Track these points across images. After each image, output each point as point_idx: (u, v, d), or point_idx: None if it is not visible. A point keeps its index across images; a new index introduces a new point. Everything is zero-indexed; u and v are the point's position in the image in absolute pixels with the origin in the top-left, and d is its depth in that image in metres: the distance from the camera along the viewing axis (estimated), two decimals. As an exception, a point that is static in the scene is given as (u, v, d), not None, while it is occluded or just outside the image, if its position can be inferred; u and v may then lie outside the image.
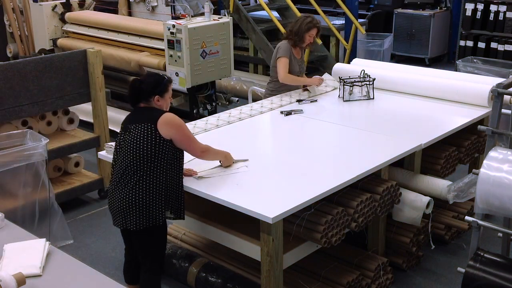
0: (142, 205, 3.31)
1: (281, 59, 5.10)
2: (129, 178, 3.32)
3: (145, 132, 3.30)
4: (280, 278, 3.39)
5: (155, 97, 3.40)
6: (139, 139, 3.31)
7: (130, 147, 3.33)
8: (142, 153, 3.30)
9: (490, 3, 9.00)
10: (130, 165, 3.32)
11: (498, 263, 2.98)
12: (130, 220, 3.34)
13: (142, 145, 3.30)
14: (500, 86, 3.29)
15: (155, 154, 3.31)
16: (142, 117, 3.37)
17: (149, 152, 3.30)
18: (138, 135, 3.32)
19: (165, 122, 3.33)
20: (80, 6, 7.89)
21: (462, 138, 4.58)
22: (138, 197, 3.30)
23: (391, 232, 4.20)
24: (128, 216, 3.34)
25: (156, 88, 3.41)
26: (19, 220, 4.06)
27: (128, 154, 3.33)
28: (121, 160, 3.37)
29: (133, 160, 3.31)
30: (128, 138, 3.35)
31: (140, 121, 3.34)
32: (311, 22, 5.12)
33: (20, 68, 4.79)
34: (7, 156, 4.07)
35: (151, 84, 3.42)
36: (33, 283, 2.49)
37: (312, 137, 4.38)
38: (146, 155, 3.30)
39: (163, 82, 3.45)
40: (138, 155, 3.30)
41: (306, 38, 5.13)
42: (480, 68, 7.43)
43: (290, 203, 3.25)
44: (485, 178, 2.84)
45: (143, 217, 3.33)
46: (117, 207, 3.37)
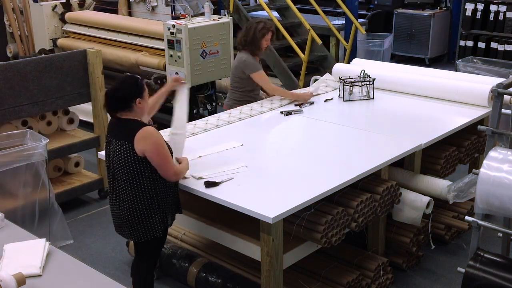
0: (138, 220, 3.30)
1: (260, 74, 4.89)
2: (121, 193, 3.30)
3: (122, 151, 3.24)
4: (280, 278, 3.39)
5: (136, 100, 3.27)
6: (119, 158, 3.26)
7: (114, 163, 3.31)
8: (124, 171, 3.26)
9: (490, 3, 9.00)
10: (118, 180, 3.30)
11: (498, 263, 2.98)
12: (129, 233, 3.36)
13: (122, 164, 3.25)
14: (500, 86, 3.29)
15: (136, 172, 3.24)
16: (122, 132, 3.27)
17: (130, 171, 3.24)
18: (117, 153, 3.27)
19: (140, 138, 3.21)
20: (80, 6, 7.89)
21: (462, 138, 4.57)
22: (133, 213, 3.29)
23: (391, 232, 4.20)
24: (126, 229, 3.36)
25: (135, 91, 3.28)
26: (19, 220, 4.06)
27: (114, 170, 3.32)
28: (111, 172, 3.36)
29: (119, 176, 3.29)
30: (112, 153, 3.33)
31: (120, 138, 3.26)
32: (264, 28, 4.87)
33: (20, 68, 4.79)
34: (7, 156, 4.07)
35: (127, 88, 3.29)
36: (33, 283, 2.49)
37: (312, 137, 4.38)
38: (128, 173, 3.25)
39: (138, 82, 3.33)
40: (121, 172, 3.27)
41: (263, 44, 4.90)
42: (480, 68, 7.43)
43: (290, 203, 3.25)
44: (485, 178, 2.84)
45: (141, 231, 3.33)
46: (116, 218, 3.40)
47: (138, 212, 3.29)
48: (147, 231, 3.33)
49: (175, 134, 3.67)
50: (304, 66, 7.42)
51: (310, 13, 8.78)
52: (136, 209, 3.28)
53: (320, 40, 7.43)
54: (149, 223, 3.32)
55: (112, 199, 3.40)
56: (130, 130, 3.24)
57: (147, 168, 3.26)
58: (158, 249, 3.61)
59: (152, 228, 3.34)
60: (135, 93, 3.28)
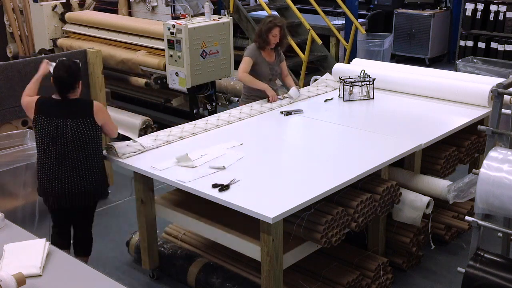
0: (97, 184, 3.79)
1: (244, 58, 5.06)
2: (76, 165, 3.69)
3: (84, 127, 3.68)
4: (280, 278, 3.39)
5: (79, 82, 3.77)
6: (80, 134, 3.68)
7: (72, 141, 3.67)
8: (85, 145, 3.70)
9: (490, 3, 9.00)
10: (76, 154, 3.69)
11: (498, 263, 2.98)
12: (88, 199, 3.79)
13: (84, 139, 3.69)
14: (500, 86, 3.29)
15: (96, 142, 3.76)
16: (76, 111, 3.70)
17: (92, 142, 3.72)
18: (78, 130, 3.67)
19: (99, 110, 3.75)
20: (80, 6, 7.88)
21: (462, 138, 4.57)
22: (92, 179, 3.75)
23: (391, 232, 4.20)
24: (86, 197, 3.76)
25: (79, 74, 3.78)
26: (19, 220, 4.06)
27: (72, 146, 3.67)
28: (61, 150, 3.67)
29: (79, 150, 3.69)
30: (69, 133, 3.66)
31: (76, 116, 3.68)
32: (272, 22, 4.99)
33: (20, 68, 4.79)
34: (7, 156, 4.07)
35: (74, 72, 3.74)
36: (33, 283, 2.49)
37: (312, 137, 4.38)
38: (90, 145, 3.72)
39: (79, 66, 3.81)
40: (82, 147, 3.69)
41: (270, 39, 4.99)
42: (480, 68, 7.43)
43: (290, 203, 3.25)
44: (485, 178, 2.84)
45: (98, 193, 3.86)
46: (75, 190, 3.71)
47: (96, 177, 3.77)
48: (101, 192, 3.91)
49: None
50: (304, 66, 7.42)
51: (310, 13, 8.78)
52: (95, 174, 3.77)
53: (320, 40, 7.44)
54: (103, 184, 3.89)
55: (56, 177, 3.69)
56: (85, 107, 3.75)
57: (100, 134, 3.80)
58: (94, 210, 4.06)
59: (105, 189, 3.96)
60: (79, 76, 3.79)
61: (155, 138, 4.21)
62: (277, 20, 5.05)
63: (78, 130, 3.68)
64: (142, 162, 3.85)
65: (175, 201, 4.03)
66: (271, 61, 5.15)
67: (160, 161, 3.81)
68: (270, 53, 5.14)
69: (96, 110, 3.73)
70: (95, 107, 3.75)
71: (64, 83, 3.72)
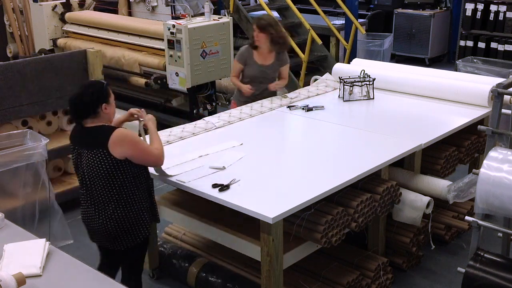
0: (126, 227, 3.24)
1: (234, 61, 5.13)
2: (101, 203, 3.21)
3: (98, 160, 3.13)
4: (280, 278, 3.38)
5: (102, 105, 3.18)
6: (95, 168, 3.15)
7: (89, 174, 3.19)
8: (102, 180, 3.16)
9: (490, 3, 9.00)
10: (96, 191, 3.20)
11: (498, 263, 2.98)
12: (116, 242, 3.28)
13: (99, 173, 3.15)
14: (500, 86, 3.29)
15: (116, 178, 3.16)
16: (93, 140, 3.17)
17: (110, 178, 3.15)
18: (92, 163, 3.15)
19: (116, 141, 3.12)
20: (80, 6, 7.88)
21: (462, 138, 4.57)
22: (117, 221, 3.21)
23: (391, 232, 4.20)
24: (112, 239, 3.27)
25: (101, 96, 3.19)
26: (19, 220, 4.06)
27: (89, 181, 3.20)
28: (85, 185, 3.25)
29: (97, 187, 3.18)
30: (85, 165, 3.20)
31: (92, 147, 3.15)
32: (255, 22, 4.93)
33: (20, 68, 4.79)
34: (7, 156, 4.07)
35: (93, 94, 3.18)
36: (33, 283, 2.49)
37: (312, 137, 4.38)
38: (108, 180, 3.15)
39: (103, 87, 3.24)
40: (99, 182, 3.17)
41: (255, 39, 4.90)
42: (480, 68, 7.42)
43: (290, 203, 3.25)
44: (485, 178, 2.84)
45: (128, 238, 3.27)
46: (99, 230, 3.27)
47: (124, 219, 3.22)
48: (135, 236, 3.28)
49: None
50: (304, 66, 7.42)
51: (310, 13, 8.77)
52: (122, 216, 3.21)
53: (320, 40, 7.43)
54: (136, 227, 3.27)
55: (87, 212, 3.30)
56: (101, 136, 3.14)
57: (127, 171, 3.19)
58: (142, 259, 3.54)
59: (140, 231, 3.29)
60: (101, 98, 3.19)
61: (155, 138, 4.21)
62: (261, 21, 4.87)
63: (93, 163, 3.15)
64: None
65: (175, 201, 4.03)
66: (264, 64, 4.96)
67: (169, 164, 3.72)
68: (266, 56, 4.95)
69: (112, 142, 3.10)
70: (112, 139, 3.11)
71: (75, 106, 3.20)
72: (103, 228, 3.24)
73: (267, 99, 5.16)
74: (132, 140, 3.18)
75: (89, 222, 3.33)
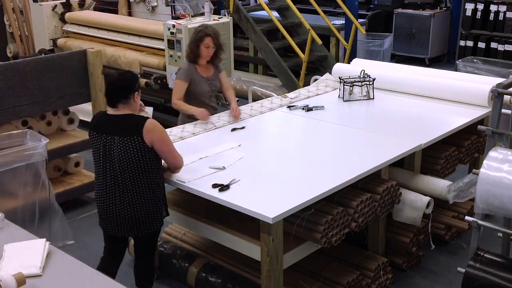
0: (148, 213, 3.38)
1: (176, 82, 4.61)
2: (126, 189, 3.33)
3: (131, 146, 3.27)
4: (280, 278, 3.38)
5: (135, 94, 3.37)
6: (127, 153, 3.28)
7: (119, 160, 3.30)
8: (134, 166, 3.30)
9: (490, 3, 9.00)
10: (124, 177, 3.32)
11: (498, 263, 2.98)
12: (135, 228, 3.40)
13: (132, 159, 3.28)
14: (500, 86, 3.29)
15: (147, 164, 3.32)
16: (126, 128, 3.30)
17: (142, 164, 3.31)
18: (125, 149, 3.28)
19: (149, 129, 3.28)
20: (80, 6, 7.89)
21: (462, 138, 4.57)
22: (141, 207, 3.36)
23: (391, 232, 4.20)
24: (132, 225, 3.39)
25: (135, 84, 3.39)
26: (19, 220, 4.06)
27: (119, 167, 3.32)
28: (112, 170, 3.34)
29: (127, 173, 3.31)
30: (115, 151, 3.30)
31: (125, 133, 3.28)
32: (202, 31, 4.53)
33: (20, 68, 4.79)
34: (7, 156, 4.06)
35: (130, 80, 3.38)
36: (33, 283, 2.49)
37: (312, 137, 4.38)
38: (139, 167, 3.31)
39: (137, 77, 3.45)
40: (131, 168, 3.30)
41: (202, 51, 4.52)
42: (480, 68, 7.43)
43: (290, 203, 3.25)
44: (485, 178, 2.84)
45: (149, 223, 3.42)
46: (120, 216, 3.38)
47: (146, 205, 3.36)
48: (153, 223, 3.44)
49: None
50: (304, 66, 7.42)
51: (310, 13, 8.77)
52: (145, 202, 3.36)
53: (320, 40, 7.43)
54: (156, 214, 3.43)
55: (109, 198, 3.38)
56: (135, 123, 3.30)
57: (155, 158, 3.35)
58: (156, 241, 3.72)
59: (158, 219, 3.46)
60: (133, 86, 3.38)
61: (155, 138, 4.21)
62: (208, 29, 4.57)
63: (126, 150, 3.28)
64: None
65: (175, 201, 4.03)
66: (209, 76, 4.67)
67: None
68: (207, 68, 4.66)
69: (146, 129, 3.27)
70: (146, 125, 3.28)
71: (114, 88, 3.35)
72: (125, 213, 3.35)
73: (267, 99, 5.16)
74: (163, 132, 3.38)
75: (110, 209, 3.38)
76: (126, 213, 3.36)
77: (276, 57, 7.64)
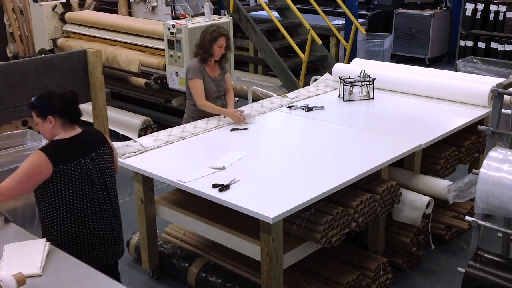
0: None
1: (192, 82, 4.55)
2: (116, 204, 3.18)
3: (108, 155, 3.15)
4: (280, 278, 3.39)
5: None
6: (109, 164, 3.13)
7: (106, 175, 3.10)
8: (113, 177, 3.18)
9: (490, 3, 9.01)
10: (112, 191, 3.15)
11: (498, 263, 2.98)
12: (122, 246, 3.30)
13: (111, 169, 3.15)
14: (500, 86, 3.29)
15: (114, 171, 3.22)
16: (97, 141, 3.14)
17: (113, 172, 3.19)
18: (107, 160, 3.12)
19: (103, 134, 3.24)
20: (80, 6, 7.88)
21: (462, 138, 4.57)
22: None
23: (391, 232, 4.20)
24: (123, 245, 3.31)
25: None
26: (19, 220, 4.06)
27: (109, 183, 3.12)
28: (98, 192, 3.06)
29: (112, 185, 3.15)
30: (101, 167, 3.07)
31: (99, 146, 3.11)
32: (216, 31, 4.51)
33: (20, 68, 4.79)
34: (7, 156, 4.06)
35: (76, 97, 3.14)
36: (33, 283, 2.49)
37: (312, 137, 4.38)
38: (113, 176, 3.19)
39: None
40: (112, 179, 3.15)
41: (215, 50, 4.53)
42: (480, 68, 7.43)
43: (290, 203, 3.25)
44: (485, 178, 2.83)
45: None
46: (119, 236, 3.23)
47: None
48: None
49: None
50: (304, 66, 7.42)
51: (310, 13, 8.78)
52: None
53: (320, 40, 7.43)
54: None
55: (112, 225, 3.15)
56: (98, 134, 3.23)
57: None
58: None
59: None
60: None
61: (155, 138, 4.21)
62: (221, 29, 4.59)
63: (107, 159, 3.13)
64: (142, 162, 3.85)
65: (175, 201, 4.04)
66: (216, 77, 4.68)
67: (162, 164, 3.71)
68: (214, 68, 4.67)
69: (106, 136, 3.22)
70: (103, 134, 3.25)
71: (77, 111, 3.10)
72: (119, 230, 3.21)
73: (267, 99, 5.16)
74: None
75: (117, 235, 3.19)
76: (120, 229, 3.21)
77: (276, 57, 7.64)
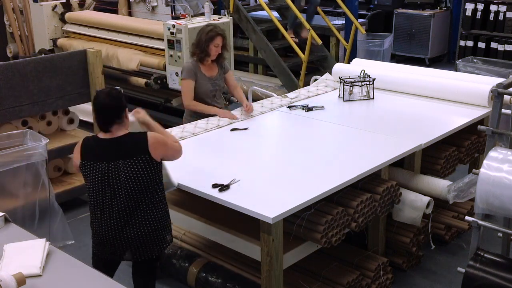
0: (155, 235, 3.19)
1: (183, 82, 4.62)
2: (133, 212, 3.13)
3: (140, 167, 3.08)
4: (280, 278, 3.38)
5: (125, 110, 3.17)
6: (136, 175, 3.08)
7: (127, 184, 3.08)
8: (144, 187, 3.11)
9: (490, 3, 9.01)
10: (132, 200, 3.11)
11: (498, 263, 2.98)
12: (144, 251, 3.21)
13: (143, 180, 3.09)
14: (500, 86, 3.29)
15: (156, 182, 3.16)
16: (129, 149, 3.09)
17: (152, 183, 3.13)
18: (134, 172, 3.07)
19: (154, 144, 3.11)
20: (80, 6, 7.88)
21: (462, 138, 4.57)
22: (149, 228, 3.16)
23: (391, 232, 4.20)
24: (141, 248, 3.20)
25: (123, 100, 3.17)
26: (19, 220, 4.06)
27: (125, 192, 3.09)
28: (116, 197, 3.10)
29: (135, 196, 3.11)
30: (122, 175, 3.07)
31: (130, 156, 3.07)
32: (212, 31, 4.53)
33: (20, 68, 4.79)
34: (7, 156, 4.07)
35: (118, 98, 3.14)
36: (33, 283, 2.49)
37: (312, 137, 4.38)
38: (149, 187, 3.12)
39: (121, 91, 3.24)
40: (139, 190, 3.10)
41: (211, 50, 4.54)
42: (480, 68, 7.42)
43: (290, 203, 3.25)
44: (485, 178, 2.84)
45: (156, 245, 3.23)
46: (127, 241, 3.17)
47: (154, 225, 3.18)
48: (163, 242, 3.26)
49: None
50: (304, 66, 7.42)
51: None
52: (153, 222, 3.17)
53: (320, 40, 7.43)
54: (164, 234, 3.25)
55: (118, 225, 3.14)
56: (139, 143, 3.11)
57: (160, 172, 3.19)
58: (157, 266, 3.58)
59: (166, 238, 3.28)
60: (123, 102, 3.18)
61: (155, 138, 4.21)
62: (218, 28, 4.59)
63: (134, 172, 3.06)
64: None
65: (175, 201, 4.03)
66: (212, 76, 4.68)
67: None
68: (211, 67, 4.68)
69: (151, 145, 3.09)
70: (150, 142, 3.09)
71: (107, 111, 3.10)
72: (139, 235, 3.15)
73: (267, 99, 5.16)
74: (163, 139, 3.21)
75: (120, 235, 3.16)
76: (142, 232, 3.15)
77: (276, 57, 7.64)
